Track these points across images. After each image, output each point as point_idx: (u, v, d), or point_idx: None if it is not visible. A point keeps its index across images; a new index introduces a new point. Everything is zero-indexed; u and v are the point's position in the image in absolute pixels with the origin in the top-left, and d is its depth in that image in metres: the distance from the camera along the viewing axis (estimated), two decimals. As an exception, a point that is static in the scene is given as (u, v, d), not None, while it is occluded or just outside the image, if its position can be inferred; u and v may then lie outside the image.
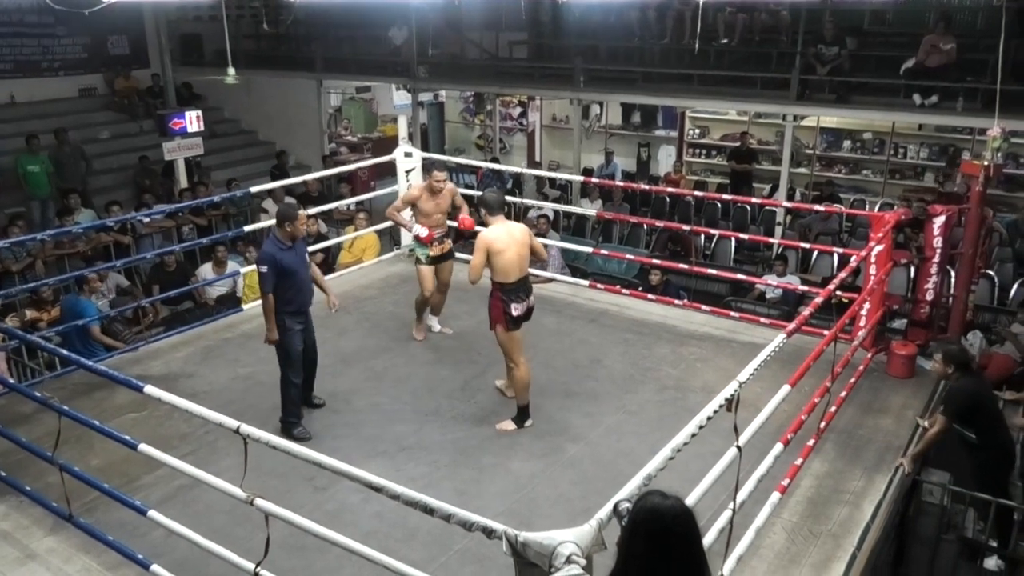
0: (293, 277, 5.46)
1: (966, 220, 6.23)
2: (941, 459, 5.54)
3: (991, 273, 9.23)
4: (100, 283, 8.40)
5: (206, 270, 9.12)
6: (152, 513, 4.05)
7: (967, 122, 10.67)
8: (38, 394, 4.73)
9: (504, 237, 5.46)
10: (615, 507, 2.78)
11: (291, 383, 5.55)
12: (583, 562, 2.54)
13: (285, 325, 5.45)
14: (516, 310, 5.51)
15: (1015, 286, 9.16)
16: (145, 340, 6.92)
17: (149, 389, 3.94)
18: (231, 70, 10.95)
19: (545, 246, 8.63)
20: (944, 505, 5.27)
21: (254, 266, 6.47)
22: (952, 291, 6.60)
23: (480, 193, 6.81)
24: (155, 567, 4.00)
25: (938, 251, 6.36)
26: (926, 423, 5.44)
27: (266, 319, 5.43)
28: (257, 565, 3.56)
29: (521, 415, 5.64)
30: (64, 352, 4.75)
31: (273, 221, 5.68)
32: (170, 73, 12.83)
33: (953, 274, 6.73)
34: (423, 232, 6.52)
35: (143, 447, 4.04)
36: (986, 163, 5.87)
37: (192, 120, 11.62)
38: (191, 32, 15.73)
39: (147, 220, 10.61)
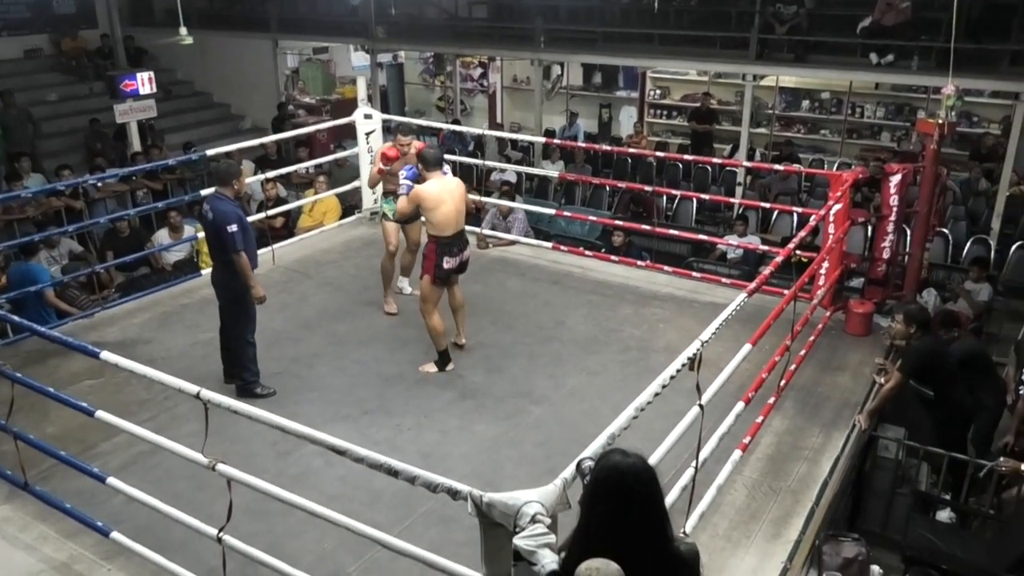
0: (248, 234, 5.41)
1: (921, 179, 6.30)
2: (897, 415, 5.65)
3: (945, 231, 9.39)
4: (51, 249, 8.22)
5: (162, 235, 8.94)
6: (111, 480, 4.00)
7: (922, 81, 10.80)
8: (-12, 362, 4.61)
9: (438, 192, 5.59)
10: (578, 465, 2.80)
11: (248, 342, 5.49)
12: (548, 521, 2.56)
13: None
14: (448, 263, 5.67)
15: (968, 244, 9.34)
16: (100, 306, 6.78)
17: (106, 355, 3.85)
18: (183, 30, 10.69)
19: (510, 209, 8.65)
20: (898, 460, 5.40)
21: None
22: (908, 249, 6.69)
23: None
24: (115, 534, 3.96)
25: (894, 210, 6.44)
26: (881, 379, 5.55)
27: (246, 278, 5.30)
28: (220, 530, 3.54)
29: (442, 359, 5.84)
30: (16, 319, 4.62)
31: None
32: (119, 33, 12.44)
33: (909, 232, 6.82)
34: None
35: (100, 414, 3.97)
36: (940, 122, 5.92)
37: (144, 82, 11.32)
38: (140, -9, 15.31)
39: (100, 184, 10.36)
